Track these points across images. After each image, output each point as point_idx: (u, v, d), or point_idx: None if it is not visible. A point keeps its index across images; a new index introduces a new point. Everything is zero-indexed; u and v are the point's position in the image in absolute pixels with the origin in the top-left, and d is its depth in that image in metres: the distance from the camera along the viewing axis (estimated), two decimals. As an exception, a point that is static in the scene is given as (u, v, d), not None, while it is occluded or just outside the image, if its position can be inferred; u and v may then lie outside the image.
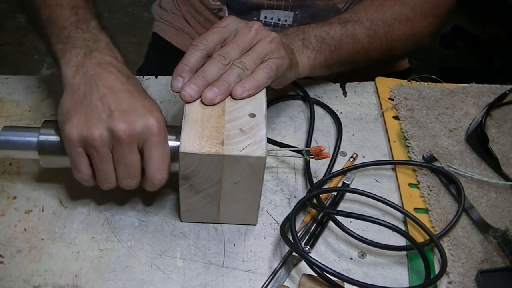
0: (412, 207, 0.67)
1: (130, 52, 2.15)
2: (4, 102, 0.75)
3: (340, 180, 0.70)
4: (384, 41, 0.79)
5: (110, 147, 0.56)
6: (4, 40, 2.21)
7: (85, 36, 0.62)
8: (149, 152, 0.57)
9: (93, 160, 0.57)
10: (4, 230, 0.62)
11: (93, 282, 0.58)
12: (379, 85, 0.83)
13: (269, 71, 0.62)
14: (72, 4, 0.66)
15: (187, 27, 1.01)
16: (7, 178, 0.67)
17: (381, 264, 0.62)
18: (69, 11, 0.65)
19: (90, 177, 0.59)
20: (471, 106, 0.80)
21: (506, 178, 0.70)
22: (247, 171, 0.57)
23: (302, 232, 0.64)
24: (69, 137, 0.56)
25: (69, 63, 0.60)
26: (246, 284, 0.59)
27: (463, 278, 0.60)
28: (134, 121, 0.55)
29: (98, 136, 0.55)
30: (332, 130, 0.76)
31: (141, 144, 0.56)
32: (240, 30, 0.64)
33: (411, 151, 0.73)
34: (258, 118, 0.59)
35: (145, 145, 0.56)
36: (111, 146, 0.56)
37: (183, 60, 0.62)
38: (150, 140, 0.56)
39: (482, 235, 0.64)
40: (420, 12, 0.81)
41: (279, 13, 0.90)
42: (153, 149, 0.56)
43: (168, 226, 0.64)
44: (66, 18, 0.64)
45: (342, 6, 0.89)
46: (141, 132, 0.55)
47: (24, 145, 0.60)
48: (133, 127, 0.55)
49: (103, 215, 0.64)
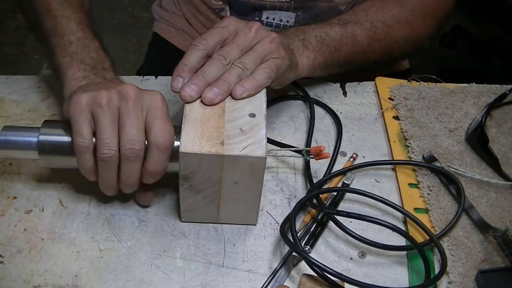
0: (412, 207, 0.67)
1: (130, 52, 2.15)
2: (4, 102, 0.75)
3: (340, 180, 0.70)
4: (383, 42, 0.79)
5: (117, 111, 0.56)
6: (4, 40, 2.21)
7: (92, 55, 0.64)
8: (153, 115, 0.57)
9: (97, 123, 0.56)
10: (4, 230, 0.62)
11: (93, 282, 0.58)
12: (379, 85, 0.83)
13: (269, 71, 0.63)
14: (78, 19, 0.67)
15: (188, 27, 1.01)
16: (7, 178, 0.67)
17: (381, 264, 0.62)
18: (75, 26, 0.67)
19: (90, 142, 0.56)
20: (471, 106, 0.80)
21: (506, 178, 0.70)
22: (247, 171, 0.57)
23: (302, 232, 0.64)
24: (77, 100, 0.57)
25: (75, 75, 0.62)
26: (246, 284, 0.59)
27: (463, 278, 0.60)
28: (141, 90, 0.58)
29: (106, 95, 0.56)
30: (332, 130, 0.76)
31: (146, 111, 0.57)
32: (240, 30, 0.64)
33: (411, 151, 0.73)
34: (258, 118, 0.59)
35: (149, 110, 0.57)
36: (117, 110, 0.56)
37: (183, 60, 0.62)
38: (154, 105, 0.57)
39: (482, 235, 0.64)
40: (419, 14, 0.81)
41: (281, 14, 0.90)
42: (157, 112, 0.57)
43: (168, 226, 0.64)
44: (73, 32, 0.66)
45: (344, 8, 0.89)
46: (147, 98, 0.57)
47: (24, 145, 0.60)
48: (141, 92, 0.58)
49: (103, 215, 0.64)
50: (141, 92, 0.58)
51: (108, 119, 0.56)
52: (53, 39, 0.66)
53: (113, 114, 0.56)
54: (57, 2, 0.69)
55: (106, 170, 0.57)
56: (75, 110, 0.56)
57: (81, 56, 0.63)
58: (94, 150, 0.57)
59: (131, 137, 0.56)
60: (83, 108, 0.56)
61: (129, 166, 0.57)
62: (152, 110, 0.57)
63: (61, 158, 0.60)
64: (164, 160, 0.58)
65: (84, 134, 0.56)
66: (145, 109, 0.57)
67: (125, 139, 0.56)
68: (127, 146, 0.56)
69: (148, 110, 0.57)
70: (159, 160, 0.57)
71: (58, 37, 0.65)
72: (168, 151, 0.57)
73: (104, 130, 0.56)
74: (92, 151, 0.57)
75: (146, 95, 0.58)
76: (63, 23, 0.66)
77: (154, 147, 0.56)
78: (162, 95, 0.58)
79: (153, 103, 0.57)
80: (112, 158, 0.56)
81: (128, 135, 0.56)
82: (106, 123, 0.56)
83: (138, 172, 0.58)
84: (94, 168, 0.58)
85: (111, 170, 0.57)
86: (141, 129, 0.56)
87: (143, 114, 0.57)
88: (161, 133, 0.56)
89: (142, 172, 0.58)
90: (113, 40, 2.19)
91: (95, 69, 0.63)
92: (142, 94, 0.57)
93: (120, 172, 0.58)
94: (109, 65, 0.65)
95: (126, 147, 0.56)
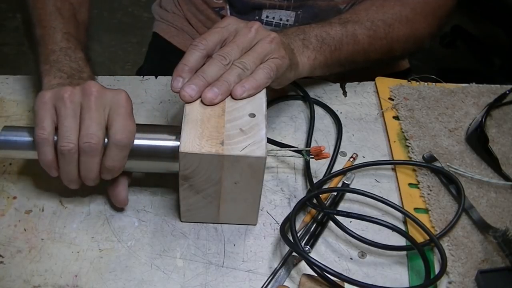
0: (412, 207, 0.67)
1: (130, 52, 2.15)
2: (4, 102, 0.75)
3: (340, 180, 0.70)
4: (384, 41, 0.79)
5: (79, 106, 0.57)
6: (4, 40, 2.21)
7: (72, 65, 0.65)
8: (115, 112, 0.57)
9: (59, 117, 0.57)
10: (4, 230, 0.62)
11: (93, 282, 0.58)
12: (379, 85, 0.83)
13: (269, 71, 0.62)
14: (64, 30, 0.69)
15: (188, 27, 1.01)
16: (7, 178, 0.67)
17: (381, 264, 0.62)
18: (61, 36, 0.68)
19: (50, 135, 0.57)
20: (471, 106, 0.80)
21: (506, 178, 0.70)
22: (247, 171, 0.57)
23: (302, 232, 0.64)
24: (41, 95, 0.58)
25: (51, 82, 0.63)
26: (246, 284, 0.59)
27: (463, 278, 0.60)
28: (106, 88, 0.59)
29: (69, 90, 0.57)
30: (332, 130, 0.76)
31: (108, 108, 0.57)
32: (240, 30, 0.64)
33: (411, 151, 0.73)
34: (258, 118, 0.59)
35: (112, 107, 0.58)
36: (80, 106, 0.57)
37: (182, 60, 0.62)
38: (118, 103, 0.58)
39: (482, 235, 0.64)
40: (420, 13, 0.81)
41: (281, 13, 0.90)
42: (120, 109, 0.58)
43: (168, 226, 0.64)
44: (57, 42, 0.67)
45: (343, 7, 0.89)
46: (110, 96, 0.58)
47: (24, 145, 0.60)
48: (104, 89, 0.58)
49: (103, 215, 0.64)
50: (104, 89, 0.58)
51: (69, 113, 0.57)
52: (40, 48, 0.68)
53: (74, 108, 0.57)
54: (48, 12, 0.71)
55: (66, 163, 0.58)
56: (38, 105, 0.58)
57: (60, 65, 0.65)
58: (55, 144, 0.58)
59: (89, 131, 0.56)
60: (46, 102, 0.57)
61: (87, 160, 0.58)
62: (114, 107, 0.58)
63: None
64: (122, 158, 0.59)
65: (44, 126, 0.57)
66: (107, 107, 0.58)
67: (83, 133, 0.57)
68: (84, 140, 0.56)
69: (111, 108, 0.58)
70: (117, 157, 0.58)
71: (43, 46, 0.67)
72: (126, 149, 0.58)
73: (64, 122, 0.57)
74: (52, 144, 0.58)
75: (110, 93, 0.58)
76: (50, 32, 0.68)
77: (112, 143, 0.57)
78: (127, 93, 0.59)
79: (117, 101, 0.58)
80: (71, 151, 0.57)
81: (87, 129, 0.56)
82: (67, 117, 0.57)
83: (96, 166, 0.58)
84: (54, 161, 0.58)
85: (70, 163, 0.58)
86: (101, 124, 0.57)
87: (105, 111, 0.58)
88: (120, 130, 0.57)
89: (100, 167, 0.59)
90: (113, 40, 2.18)
91: (71, 78, 0.63)
92: (105, 91, 0.58)
93: (79, 166, 0.59)
94: (88, 75, 0.66)
95: (84, 141, 0.56)
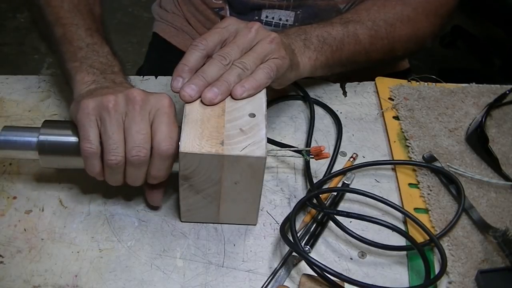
0: (412, 207, 0.67)
1: (130, 52, 2.15)
2: (4, 102, 0.75)
3: (340, 180, 0.70)
4: (385, 41, 0.79)
5: (123, 116, 0.56)
6: (4, 40, 2.21)
7: (101, 60, 0.65)
8: (159, 119, 0.57)
9: (103, 128, 0.56)
10: (4, 230, 0.62)
11: (93, 282, 0.58)
12: (379, 85, 0.83)
13: (269, 71, 0.62)
14: (86, 26, 0.68)
15: (188, 27, 1.01)
16: (7, 178, 0.67)
17: (381, 264, 0.62)
18: (84, 32, 0.67)
19: (97, 148, 0.56)
20: (471, 106, 0.80)
21: (506, 178, 0.70)
22: (247, 171, 0.57)
23: (302, 232, 0.64)
24: (84, 105, 0.57)
25: (84, 79, 0.62)
26: (246, 284, 0.59)
27: (463, 278, 0.60)
28: (148, 94, 0.58)
29: (113, 99, 0.56)
30: (332, 130, 0.76)
31: (152, 115, 0.57)
32: (240, 31, 0.64)
33: (411, 151, 0.73)
34: (258, 118, 0.59)
35: (156, 114, 0.57)
36: (124, 115, 0.56)
37: (182, 60, 0.62)
38: (161, 109, 0.57)
39: (482, 235, 0.64)
40: (422, 12, 0.81)
41: (281, 12, 0.90)
42: (164, 117, 0.57)
43: (168, 226, 0.64)
44: (82, 38, 0.67)
45: (343, 6, 0.89)
46: (154, 102, 0.57)
47: (24, 145, 0.60)
48: (148, 95, 0.57)
49: (103, 215, 0.64)
50: (147, 95, 0.58)
51: (114, 124, 0.56)
52: (63, 47, 0.66)
53: (119, 119, 0.56)
54: (66, 10, 0.69)
55: (113, 174, 0.58)
56: (82, 115, 0.57)
57: (90, 61, 0.64)
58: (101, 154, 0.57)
59: (137, 143, 0.56)
60: (89, 113, 0.56)
61: (134, 170, 0.58)
62: (158, 114, 0.57)
63: (61, 158, 0.60)
64: (166, 167, 0.58)
65: (91, 140, 0.56)
66: (152, 113, 0.57)
67: (131, 145, 0.56)
68: (133, 153, 0.56)
69: (155, 114, 0.57)
70: (162, 167, 0.58)
71: (68, 44, 0.66)
72: (170, 158, 0.58)
73: (111, 135, 0.56)
74: (99, 156, 0.57)
75: (153, 98, 0.57)
76: (72, 30, 0.67)
77: (157, 154, 0.57)
78: (170, 98, 0.58)
79: (161, 107, 0.57)
80: (119, 164, 0.57)
81: (134, 141, 0.56)
82: (112, 129, 0.56)
83: (143, 175, 0.59)
84: (101, 172, 0.59)
85: (118, 174, 0.58)
86: (147, 134, 0.57)
87: (149, 118, 0.57)
88: (164, 140, 0.56)
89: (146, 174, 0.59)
90: (113, 40, 2.18)
91: (104, 73, 0.63)
92: (148, 97, 0.57)
93: (126, 175, 0.59)
94: (119, 69, 0.65)
95: (132, 154, 0.56)
